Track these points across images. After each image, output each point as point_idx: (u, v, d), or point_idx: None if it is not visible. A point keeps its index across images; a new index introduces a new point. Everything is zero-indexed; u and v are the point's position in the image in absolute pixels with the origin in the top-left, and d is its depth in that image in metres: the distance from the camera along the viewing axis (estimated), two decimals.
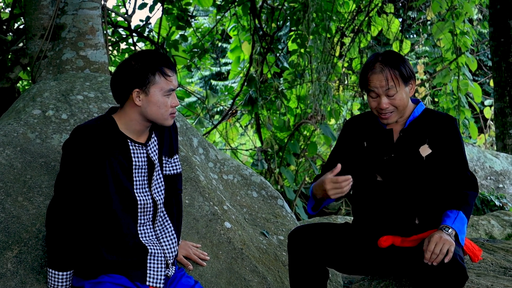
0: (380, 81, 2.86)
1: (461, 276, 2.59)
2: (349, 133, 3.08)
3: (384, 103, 2.87)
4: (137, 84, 2.64)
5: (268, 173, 8.95)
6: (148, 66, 2.64)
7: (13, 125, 3.40)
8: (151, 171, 2.75)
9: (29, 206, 3.00)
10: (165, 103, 2.66)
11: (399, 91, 2.87)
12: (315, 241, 2.94)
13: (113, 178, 2.64)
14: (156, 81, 2.64)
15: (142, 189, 2.72)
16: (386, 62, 2.87)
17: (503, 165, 7.83)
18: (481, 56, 16.07)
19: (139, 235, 2.71)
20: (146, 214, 2.73)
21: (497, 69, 9.06)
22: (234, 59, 10.36)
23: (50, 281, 2.67)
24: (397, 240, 2.93)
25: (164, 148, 2.84)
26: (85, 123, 2.70)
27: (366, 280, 3.15)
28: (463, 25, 9.28)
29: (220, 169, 3.88)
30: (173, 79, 2.68)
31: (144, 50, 2.72)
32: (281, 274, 3.39)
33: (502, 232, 5.68)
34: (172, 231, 2.82)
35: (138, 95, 2.65)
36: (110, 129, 2.68)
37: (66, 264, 2.66)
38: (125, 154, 2.68)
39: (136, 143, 2.71)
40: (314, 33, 8.83)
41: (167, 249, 2.77)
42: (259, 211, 3.80)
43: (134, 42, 8.52)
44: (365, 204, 3.03)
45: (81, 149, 2.60)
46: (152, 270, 2.70)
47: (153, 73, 2.63)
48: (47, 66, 4.84)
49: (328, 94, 9.03)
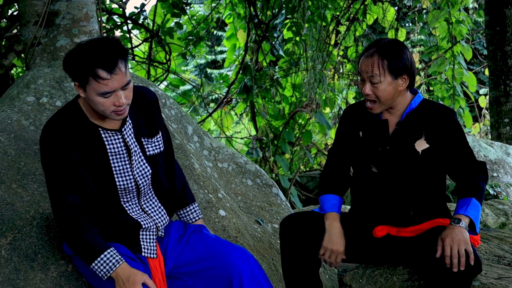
0: (366, 66, 2.83)
1: (475, 267, 2.59)
2: (347, 121, 3.06)
3: (367, 89, 2.83)
4: (75, 78, 2.53)
5: (263, 161, 8.95)
6: (83, 64, 2.47)
7: (7, 112, 3.38)
8: (130, 155, 2.70)
9: (23, 193, 3.00)
10: (102, 103, 2.51)
11: (383, 82, 2.81)
12: (307, 229, 2.93)
13: (86, 167, 2.60)
14: (90, 82, 2.48)
15: (124, 173, 2.68)
16: (380, 50, 2.82)
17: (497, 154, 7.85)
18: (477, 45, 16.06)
19: (127, 211, 2.69)
20: (128, 194, 2.70)
21: (493, 58, 9.05)
22: (230, 47, 10.32)
23: (102, 271, 2.55)
24: (392, 230, 2.94)
25: (141, 129, 2.74)
26: (54, 115, 2.63)
27: (360, 268, 3.15)
28: (459, 13, 9.25)
29: (215, 157, 3.88)
30: (111, 81, 2.46)
31: (93, 40, 2.53)
32: (275, 262, 3.40)
33: (496, 221, 5.69)
34: (157, 202, 2.79)
35: (79, 88, 2.55)
36: (79, 118, 2.61)
37: (102, 246, 2.57)
38: (98, 142, 2.62)
39: (108, 130, 2.65)
40: (309, 21, 8.80)
41: (159, 221, 2.77)
42: (254, 199, 3.80)
43: (129, 30, 8.47)
44: (361, 194, 3.03)
45: (54, 143, 2.55)
46: (145, 242, 2.71)
47: (86, 74, 2.47)
48: (41, 53, 4.82)
49: (323, 82, 9.02)
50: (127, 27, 8.47)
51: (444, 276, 2.59)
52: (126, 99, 2.54)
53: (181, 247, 2.78)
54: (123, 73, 2.50)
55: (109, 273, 2.54)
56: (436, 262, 2.64)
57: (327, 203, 3.01)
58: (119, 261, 2.54)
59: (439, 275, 2.61)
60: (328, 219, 2.96)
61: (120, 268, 2.53)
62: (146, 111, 2.76)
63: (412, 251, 2.87)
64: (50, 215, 2.94)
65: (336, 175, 3.06)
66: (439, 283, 2.62)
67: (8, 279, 2.71)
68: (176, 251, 2.77)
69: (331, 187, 3.04)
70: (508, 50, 8.91)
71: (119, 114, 2.56)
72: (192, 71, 19.81)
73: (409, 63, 2.84)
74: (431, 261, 2.67)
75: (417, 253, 2.83)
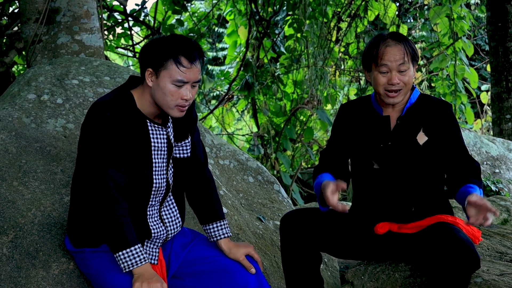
0: (394, 55, 2.81)
1: (473, 263, 2.58)
2: (344, 118, 3.04)
3: (396, 79, 2.82)
4: (151, 64, 2.55)
5: (264, 158, 8.95)
6: (166, 49, 2.53)
7: (8, 110, 3.38)
8: (169, 153, 2.69)
9: (24, 191, 2.99)
10: (172, 92, 2.54)
11: (410, 69, 2.85)
12: (307, 225, 2.92)
13: (127, 158, 2.57)
14: (168, 67, 2.52)
15: (161, 171, 2.66)
16: (399, 38, 2.85)
17: (499, 150, 7.84)
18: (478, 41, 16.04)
19: (147, 217, 2.67)
20: (158, 195, 2.69)
21: (494, 54, 9.03)
22: (231, 44, 10.32)
23: (126, 263, 2.51)
24: (394, 227, 2.93)
25: (177, 132, 2.74)
26: (102, 98, 2.60)
27: (362, 265, 3.15)
28: (460, 9, 9.23)
29: (216, 154, 3.87)
30: (189, 71, 2.53)
31: (179, 35, 2.61)
32: (277, 259, 3.40)
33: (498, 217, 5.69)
34: (177, 212, 2.77)
35: (150, 75, 2.56)
36: (128, 106, 2.59)
37: (134, 238, 2.53)
38: (144, 134, 2.60)
39: (155, 123, 2.64)
40: (310, 17, 8.80)
41: (172, 232, 2.75)
42: (255, 196, 3.80)
43: (130, 27, 8.48)
44: (362, 191, 3.02)
45: (105, 119, 2.51)
46: (148, 248, 2.69)
47: (167, 58, 2.52)
48: (42, 50, 4.82)
49: (325, 79, 9.01)
50: (128, 24, 8.47)
51: (443, 272, 2.58)
52: (192, 96, 2.58)
53: (185, 252, 2.76)
54: (199, 70, 2.58)
55: (133, 267, 2.51)
56: (436, 258, 2.64)
57: (320, 179, 2.93)
58: (146, 259, 2.54)
59: (439, 271, 2.61)
60: (324, 186, 2.82)
61: (146, 265, 2.53)
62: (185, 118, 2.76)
63: (414, 247, 2.87)
64: (51, 213, 2.94)
65: (329, 167, 3.01)
66: (438, 279, 2.61)
67: (10, 276, 2.71)
68: (180, 256, 2.75)
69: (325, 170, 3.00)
70: (510, 46, 8.89)
71: (181, 110, 2.59)
72: None
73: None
74: (431, 257, 2.67)
75: (418, 249, 2.82)
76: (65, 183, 3.08)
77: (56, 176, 3.10)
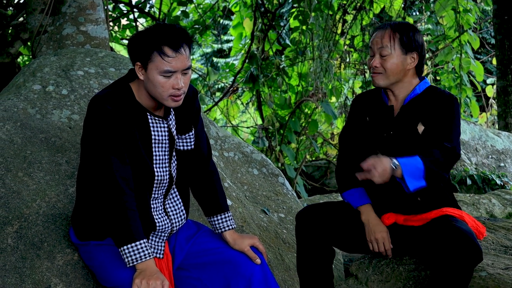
0: (377, 38, 2.90)
1: (475, 255, 2.58)
2: (356, 110, 3.10)
3: (376, 61, 2.89)
4: (138, 58, 2.54)
5: (269, 150, 8.95)
6: (149, 42, 2.50)
7: (13, 100, 3.38)
8: (171, 146, 2.68)
9: (29, 181, 3.00)
10: (162, 83, 2.51)
11: (393, 54, 2.87)
12: (323, 221, 2.93)
13: (129, 151, 2.56)
14: (154, 59, 2.50)
15: (162, 164, 2.65)
16: (393, 25, 2.90)
17: (504, 144, 7.82)
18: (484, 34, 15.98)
19: (151, 209, 2.66)
20: (161, 188, 2.68)
21: (500, 47, 9.01)
22: (236, 36, 10.29)
23: (130, 257, 2.49)
24: (400, 218, 2.94)
25: (180, 124, 2.73)
26: (104, 90, 2.59)
27: (366, 258, 3.15)
28: (466, 2, 9.19)
29: (221, 146, 3.87)
30: (175, 60, 2.49)
31: (161, 23, 2.58)
32: (281, 251, 3.40)
33: (503, 211, 5.68)
34: (181, 204, 2.77)
35: (140, 69, 2.55)
36: (128, 99, 2.58)
37: (140, 233, 2.51)
38: (144, 127, 2.59)
39: (155, 116, 2.63)
40: (316, 10, 8.77)
41: (177, 224, 2.75)
42: (260, 189, 3.80)
43: (135, 18, 8.47)
44: (368, 181, 3.02)
45: (106, 112, 2.50)
46: (154, 242, 2.69)
47: (151, 50, 2.49)
48: (47, 41, 4.81)
49: (330, 71, 8.99)
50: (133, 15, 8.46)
51: (445, 265, 2.58)
52: (184, 84, 2.54)
53: (190, 244, 2.76)
54: (186, 56, 2.53)
55: (137, 262, 2.50)
56: (438, 250, 2.63)
57: (352, 197, 3.02)
58: (151, 255, 2.52)
59: (442, 264, 2.61)
60: (362, 213, 2.98)
61: (150, 261, 2.51)
62: (184, 105, 2.73)
63: (418, 240, 2.86)
64: (56, 204, 2.94)
65: (351, 167, 3.05)
66: (441, 272, 2.61)
67: (15, 267, 2.72)
68: (184, 249, 2.75)
69: (350, 181, 3.04)
70: None
71: (176, 100, 2.55)
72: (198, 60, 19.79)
73: (420, 44, 2.91)
74: (434, 250, 2.67)
75: (422, 242, 2.82)
76: (70, 174, 3.08)
77: (61, 167, 3.10)
